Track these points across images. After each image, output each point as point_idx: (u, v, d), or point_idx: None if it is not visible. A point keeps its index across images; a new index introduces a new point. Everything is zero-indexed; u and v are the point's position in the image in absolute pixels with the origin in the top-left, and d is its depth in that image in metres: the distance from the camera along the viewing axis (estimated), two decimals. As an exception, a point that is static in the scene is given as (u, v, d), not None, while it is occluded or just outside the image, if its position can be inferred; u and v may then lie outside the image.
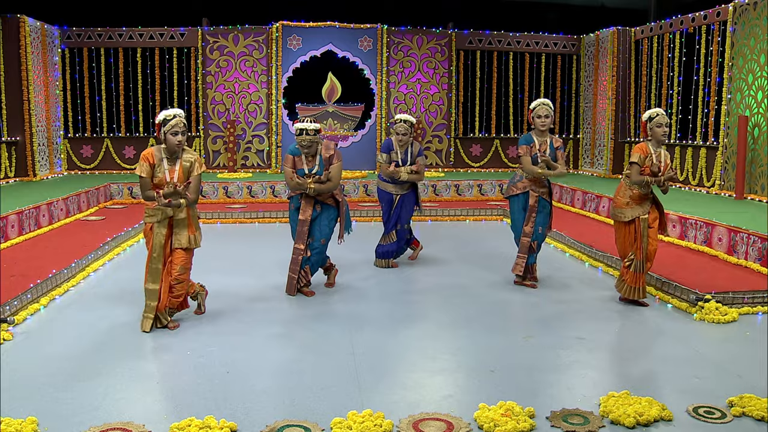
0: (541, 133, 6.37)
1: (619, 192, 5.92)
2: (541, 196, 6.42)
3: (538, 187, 6.41)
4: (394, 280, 6.91)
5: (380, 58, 14.10)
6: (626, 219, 5.80)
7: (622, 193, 5.87)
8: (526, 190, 6.40)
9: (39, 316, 5.55)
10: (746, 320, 5.50)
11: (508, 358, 4.65)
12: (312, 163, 6.02)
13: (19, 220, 8.18)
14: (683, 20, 12.10)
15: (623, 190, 5.87)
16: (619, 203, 5.88)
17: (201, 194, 11.73)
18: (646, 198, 5.81)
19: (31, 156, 12.30)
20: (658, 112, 5.93)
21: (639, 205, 5.79)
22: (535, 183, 6.39)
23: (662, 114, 5.91)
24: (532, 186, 6.39)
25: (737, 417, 3.66)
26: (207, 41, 13.89)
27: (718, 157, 10.94)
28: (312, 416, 3.62)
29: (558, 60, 15.04)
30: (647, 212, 5.78)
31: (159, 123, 5.05)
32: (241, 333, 5.15)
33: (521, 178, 6.45)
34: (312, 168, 5.99)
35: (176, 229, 5.16)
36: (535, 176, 6.31)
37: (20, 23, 12.01)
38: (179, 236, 5.15)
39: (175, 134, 4.99)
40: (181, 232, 5.15)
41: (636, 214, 5.77)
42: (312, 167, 6.00)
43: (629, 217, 5.78)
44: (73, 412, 3.68)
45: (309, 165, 6.01)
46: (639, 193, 5.78)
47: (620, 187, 5.93)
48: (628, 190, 5.83)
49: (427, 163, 14.47)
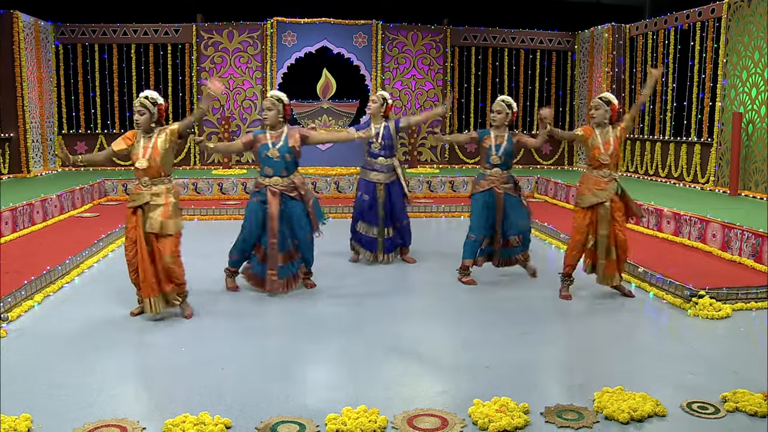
0: (497, 128, 6.41)
1: (580, 181, 6.02)
2: (508, 193, 6.44)
3: (502, 183, 6.43)
4: (386, 276, 6.91)
5: (375, 55, 14.09)
6: (585, 204, 5.85)
7: (583, 181, 5.96)
8: (491, 188, 6.43)
9: (33, 312, 5.53)
10: (740, 316, 5.51)
11: (502, 353, 4.65)
12: (276, 139, 5.99)
13: (12, 217, 8.15)
14: (678, 17, 12.11)
15: (585, 179, 5.95)
16: (580, 190, 5.97)
17: (195, 190, 11.73)
18: (606, 185, 5.83)
19: (24, 152, 12.26)
20: (597, 98, 5.97)
21: (601, 191, 5.81)
22: (499, 180, 6.41)
23: (596, 98, 5.95)
24: (496, 183, 6.41)
25: (731, 412, 3.67)
26: (201, 37, 13.86)
27: (712, 154, 10.97)
28: (306, 412, 3.62)
29: (553, 56, 15.04)
30: (608, 199, 5.80)
31: None
32: (233, 330, 5.14)
33: (484, 176, 6.48)
34: (276, 143, 5.97)
35: (150, 213, 5.17)
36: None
37: (14, 19, 11.95)
38: (152, 220, 5.15)
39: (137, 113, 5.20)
40: (154, 216, 5.16)
41: (597, 199, 5.80)
42: (276, 142, 5.98)
43: (587, 204, 5.84)
44: (68, 409, 3.67)
45: (273, 140, 5.99)
46: (599, 180, 5.82)
47: (582, 177, 6.02)
48: (588, 178, 5.90)
49: (421, 159, 14.47)
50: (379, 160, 7.22)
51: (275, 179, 5.99)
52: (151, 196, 5.19)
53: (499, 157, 6.36)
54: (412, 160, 14.12)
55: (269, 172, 6.01)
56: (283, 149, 5.97)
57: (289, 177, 6.04)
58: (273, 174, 6.00)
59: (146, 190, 5.21)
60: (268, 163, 5.99)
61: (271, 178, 6.00)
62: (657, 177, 12.56)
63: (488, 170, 6.43)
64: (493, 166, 6.39)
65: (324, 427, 3.46)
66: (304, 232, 6.11)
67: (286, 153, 5.98)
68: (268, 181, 6.02)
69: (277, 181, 5.99)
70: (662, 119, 12.66)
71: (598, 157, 5.82)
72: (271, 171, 6.00)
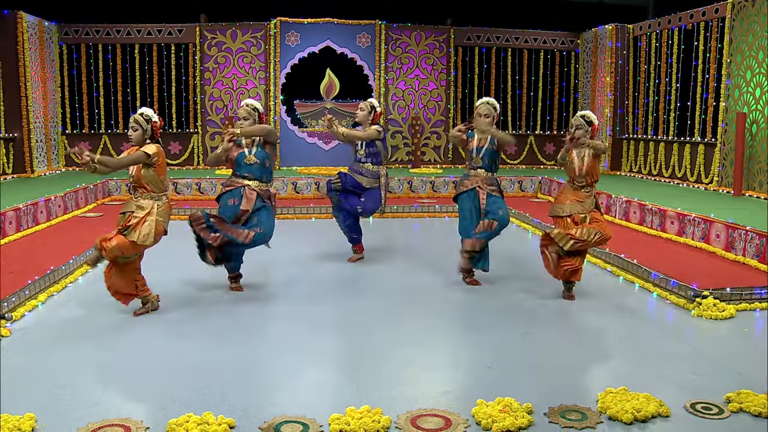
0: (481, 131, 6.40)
1: (559, 192, 6.09)
2: (490, 193, 6.41)
3: (487, 184, 6.41)
4: (389, 275, 6.91)
5: (378, 55, 14.09)
6: (563, 213, 5.88)
7: (563, 192, 6.01)
8: (474, 187, 6.42)
9: (37, 312, 5.54)
10: (744, 317, 5.50)
11: (506, 354, 4.65)
12: (251, 146, 6.06)
13: (16, 217, 8.17)
14: (681, 17, 12.09)
15: (565, 190, 5.99)
16: (559, 199, 6.00)
17: (198, 190, 11.74)
18: (585, 198, 5.87)
19: (28, 152, 12.29)
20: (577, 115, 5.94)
21: (579, 203, 5.86)
22: (484, 181, 6.40)
23: (577, 116, 5.91)
24: (480, 183, 6.40)
25: (735, 413, 3.66)
26: (205, 37, 13.87)
27: (716, 154, 10.95)
28: (310, 412, 3.62)
29: (556, 56, 15.03)
30: (586, 213, 5.84)
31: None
32: (236, 330, 5.14)
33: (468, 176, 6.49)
34: (251, 150, 6.04)
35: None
36: None
37: (18, 19, 11.98)
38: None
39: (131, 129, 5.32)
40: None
41: (575, 210, 5.85)
42: (251, 149, 6.04)
43: (567, 212, 5.87)
44: (72, 408, 3.67)
45: (248, 147, 6.05)
46: (579, 194, 5.87)
47: (561, 189, 6.10)
48: (569, 191, 5.94)
49: (424, 159, 14.46)
50: (366, 166, 7.28)
51: (255, 182, 6.04)
52: (136, 208, 5.28)
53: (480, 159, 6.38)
54: (415, 160, 14.13)
55: (248, 177, 6.04)
56: (261, 155, 6.04)
57: (266, 185, 6.09)
58: (252, 179, 6.04)
59: (134, 201, 5.35)
60: (248, 170, 6.03)
61: (251, 181, 6.04)
62: (661, 177, 12.54)
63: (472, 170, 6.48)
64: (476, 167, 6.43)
65: (327, 427, 3.46)
66: (270, 227, 6.04)
67: (265, 159, 6.05)
68: (246, 182, 6.04)
69: (256, 184, 6.04)
70: (666, 119, 12.64)
71: (574, 179, 5.89)
72: (250, 176, 6.04)
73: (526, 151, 15.01)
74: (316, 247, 8.09)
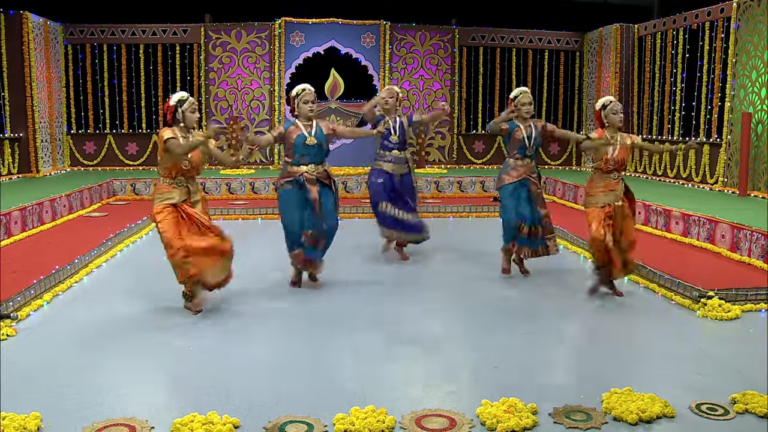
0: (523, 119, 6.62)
1: (590, 183, 6.10)
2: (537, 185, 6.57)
3: (530, 173, 6.56)
4: (394, 276, 6.91)
5: (383, 55, 14.09)
6: (600, 204, 5.91)
7: (594, 183, 6.04)
8: (524, 178, 6.54)
9: (42, 312, 5.56)
10: (749, 317, 5.48)
11: (510, 354, 4.65)
12: (310, 128, 6.12)
13: (22, 217, 8.19)
14: (687, 17, 12.07)
15: (595, 181, 6.03)
16: (591, 192, 6.02)
17: (204, 190, 11.73)
18: (616, 185, 5.93)
19: (34, 152, 12.32)
20: (611, 100, 6.09)
21: (612, 192, 5.91)
22: (530, 170, 6.57)
23: (615, 101, 6.06)
24: (528, 173, 6.57)
25: (740, 414, 3.65)
26: (210, 37, 13.89)
27: (721, 154, 10.92)
28: (314, 412, 3.62)
29: (561, 56, 15.01)
30: (620, 200, 5.91)
31: (175, 104, 5.33)
32: (241, 329, 5.15)
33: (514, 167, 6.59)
34: (311, 131, 6.09)
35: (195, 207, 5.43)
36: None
37: (23, 19, 12.02)
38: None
39: (193, 111, 5.38)
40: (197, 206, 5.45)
41: (609, 200, 5.90)
42: (311, 131, 6.10)
43: (602, 203, 5.90)
44: (77, 408, 3.68)
45: (307, 129, 6.10)
46: (609, 182, 5.92)
47: (590, 179, 6.11)
48: (599, 180, 5.98)
49: (429, 159, 14.46)
50: (394, 153, 7.33)
51: (311, 167, 6.09)
52: (188, 194, 5.45)
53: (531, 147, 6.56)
54: (420, 160, 14.11)
55: (305, 160, 6.09)
56: (320, 136, 6.11)
57: (322, 165, 6.17)
58: (309, 162, 6.09)
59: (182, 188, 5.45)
60: (307, 152, 6.08)
61: (307, 166, 6.09)
62: (666, 177, 12.51)
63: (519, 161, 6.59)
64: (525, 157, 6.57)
65: (332, 427, 3.46)
66: (335, 217, 6.20)
67: (323, 141, 6.13)
68: (303, 168, 6.09)
69: (313, 168, 6.09)
70: (671, 119, 12.62)
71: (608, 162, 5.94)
72: (308, 159, 6.09)
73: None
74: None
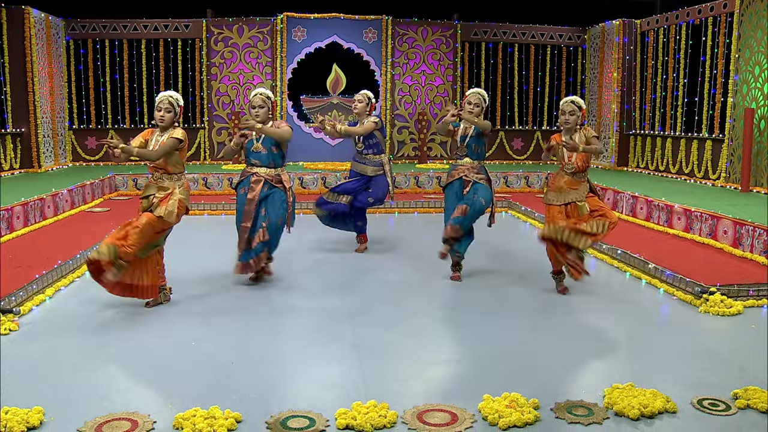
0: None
1: (553, 177, 6.00)
2: (476, 181, 6.38)
3: (474, 173, 6.41)
4: (395, 270, 6.90)
5: (385, 50, 14.07)
6: (558, 203, 5.84)
7: (556, 178, 5.95)
8: (460, 177, 6.44)
9: (44, 306, 5.57)
10: (751, 313, 5.48)
11: (512, 349, 4.65)
12: (259, 134, 6.11)
13: (24, 212, 8.20)
14: (689, 12, 12.03)
15: (558, 176, 5.94)
16: (552, 187, 5.95)
17: (205, 185, 11.76)
18: (578, 184, 5.85)
19: (35, 147, 12.32)
20: (564, 99, 5.92)
21: (573, 190, 5.83)
22: (471, 170, 6.43)
23: (564, 100, 5.90)
24: (466, 173, 6.42)
25: (742, 409, 3.65)
26: (212, 33, 13.87)
27: (723, 150, 10.90)
28: (316, 407, 3.63)
29: (563, 52, 14.97)
30: (583, 198, 5.81)
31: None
32: (243, 324, 5.16)
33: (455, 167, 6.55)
34: (259, 138, 6.11)
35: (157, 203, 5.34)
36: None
37: (25, 15, 12.00)
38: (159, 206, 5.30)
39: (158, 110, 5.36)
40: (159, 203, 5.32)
41: (570, 198, 5.81)
42: (259, 137, 6.11)
43: (561, 201, 5.83)
44: (79, 402, 3.69)
45: (257, 135, 6.11)
46: (571, 179, 5.83)
47: (555, 173, 6.01)
48: (561, 176, 5.89)
49: (431, 155, 14.45)
50: (368, 157, 7.47)
51: (263, 169, 6.14)
52: (157, 189, 5.36)
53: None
54: (421, 155, 14.11)
55: (257, 163, 6.16)
56: (268, 142, 6.11)
57: (276, 170, 6.17)
58: (261, 165, 6.16)
59: (154, 184, 5.40)
60: (256, 157, 6.15)
61: (259, 168, 6.15)
62: (668, 173, 12.50)
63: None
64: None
65: (334, 422, 3.47)
66: (277, 214, 6.10)
67: (272, 146, 6.12)
68: (255, 169, 6.16)
69: (264, 171, 6.13)
70: (673, 115, 12.59)
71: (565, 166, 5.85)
72: (259, 163, 6.15)
73: (532, 147, 14.97)
74: (320, 241, 8.10)
